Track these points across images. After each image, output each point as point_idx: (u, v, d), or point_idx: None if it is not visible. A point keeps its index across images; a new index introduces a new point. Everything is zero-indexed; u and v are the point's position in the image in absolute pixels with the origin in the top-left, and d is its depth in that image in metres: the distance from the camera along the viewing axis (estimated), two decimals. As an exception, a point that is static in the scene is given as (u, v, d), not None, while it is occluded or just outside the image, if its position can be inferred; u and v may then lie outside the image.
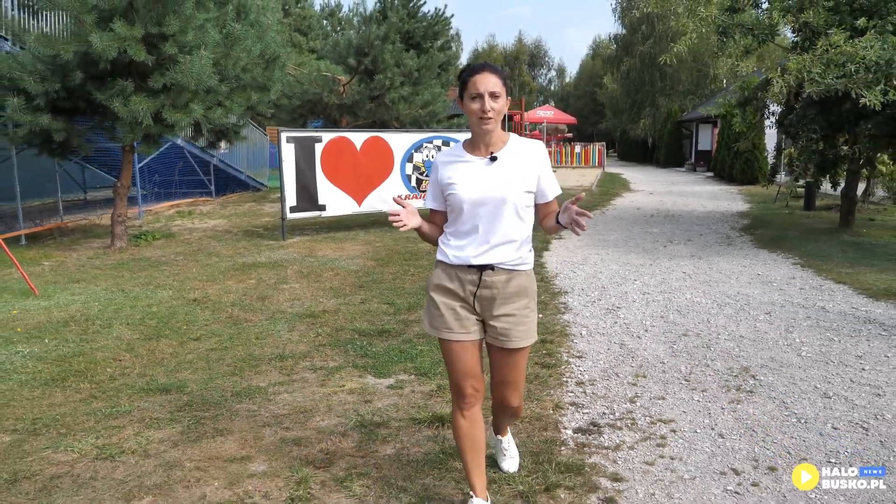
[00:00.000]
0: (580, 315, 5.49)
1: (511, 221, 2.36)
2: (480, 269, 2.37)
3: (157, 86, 7.85)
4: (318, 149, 9.67)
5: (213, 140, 10.82)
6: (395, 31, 14.93)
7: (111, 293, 6.28)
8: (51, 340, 4.81)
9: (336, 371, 4.16)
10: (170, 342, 4.77)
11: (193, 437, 3.25)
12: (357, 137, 10.16)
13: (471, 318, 2.42)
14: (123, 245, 8.91)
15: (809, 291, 6.18)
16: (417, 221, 2.38)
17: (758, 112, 10.57)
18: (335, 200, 9.96)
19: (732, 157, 20.33)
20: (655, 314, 5.48)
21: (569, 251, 8.53)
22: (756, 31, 8.98)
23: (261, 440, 3.22)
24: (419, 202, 9.33)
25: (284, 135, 9.43)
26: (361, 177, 10.19)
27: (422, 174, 10.78)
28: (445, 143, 10.91)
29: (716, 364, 4.26)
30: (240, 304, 5.81)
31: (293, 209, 9.55)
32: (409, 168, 10.69)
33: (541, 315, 5.41)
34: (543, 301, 5.88)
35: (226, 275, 7.09)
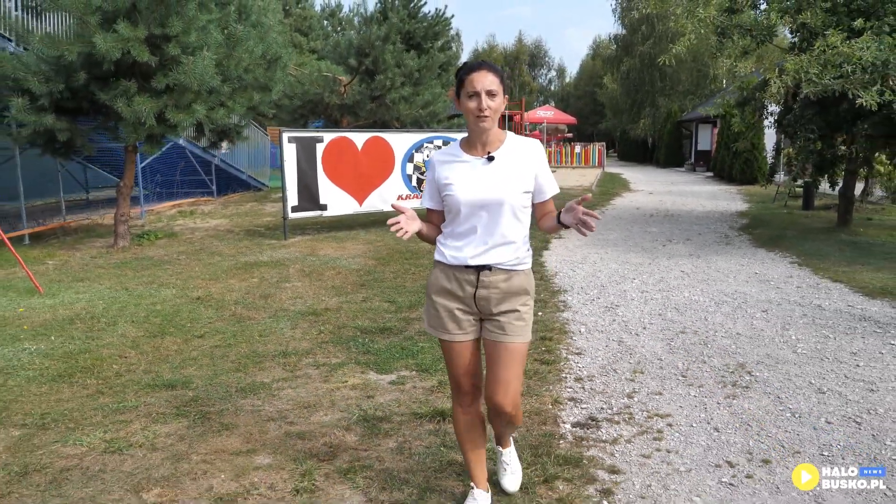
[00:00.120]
0: (579, 313, 5.55)
1: (509, 222, 2.35)
2: (478, 270, 2.36)
3: (161, 86, 7.93)
4: (320, 149, 9.74)
5: (216, 140, 10.88)
6: (396, 32, 15.00)
7: (115, 291, 6.35)
8: (57, 338, 4.88)
9: (339, 367, 4.22)
10: (174, 339, 4.84)
11: (199, 432, 3.32)
12: (358, 137, 10.23)
13: (469, 319, 2.42)
14: (126, 244, 8.98)
15: (806, 290, 6.24)
16: (417, 225, 2.35)
17: (756, 112, 10.62)
18: (336, 200, 10.02)
19: (732, 157, 20.37)
20: (654, 312, 5.54)
21: (568, 250, 8.60)
22: (754, 33, 9.04)
23: (265, 434, 3.29)
24: (419, 202, 9.40)
25: (286, 135, 9.49)
26: (362, 177, 10.26)
27: (422, 174, 10.85)
28: (446, 144, 10.97)
29: (712, 360, 4.32)
30: (243, 303, 5.88)
31: (295, 209, 9.61)
32: (410, 168, 10.75)
33: (540, 313, 5.48)
34: (543, 299, 5.95)
35: (228, 273, 7.15)
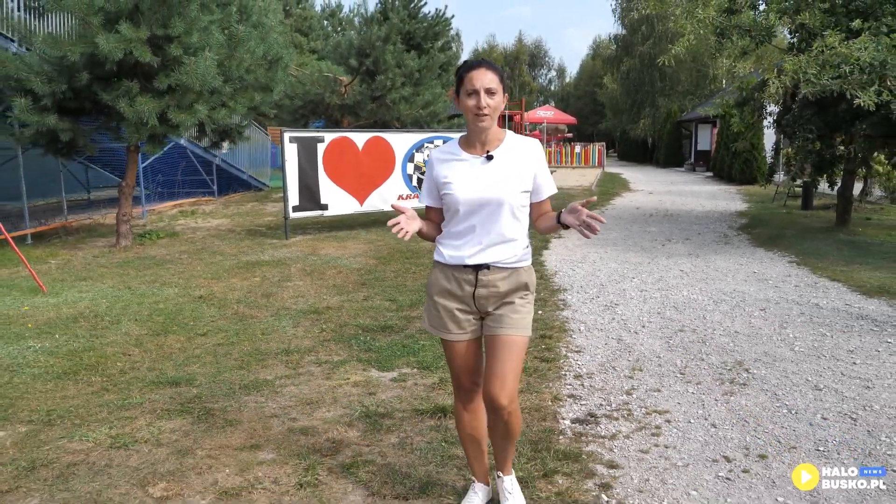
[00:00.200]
0: (579, 311, 5.60)
1: (507, 222, 2.34)
2: (476, 269, 2.36)
3: (163, 86, 7.98)
4: (321, 149, 9.78)
5: (217, 140, 10.93)
6: (396, 32, 15.05)
7: (118, 290, 6.39)
8: (61, 336, 4.92)
9: (341, 365, 4.27)
10: (177, 338, 4.89)
11: (204, 428, 3.36)
12: (359, 138, 10.28)
13: (469, 319, 2.42)
14: (128, 244, 9.03)
15: (804, 289, 6.29)
16: (418, 225, 2.34)
17: (755, 112, 10.68)
18: (337, 200, 10.07)
19: (731, 157, 20.40)
20: (652, 311, 5.59)
21: (568, 249, 8.64)
22: (753, 33, 9.09)
23: (269, 430, 3.33)
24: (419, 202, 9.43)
25: (287, 135, 9.53)
26: (363, 176, 10.31)
27: (423, 174, 10.87)
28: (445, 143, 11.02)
29: (710, 358, 4.37)
30: (245, 301, 5.92)
31: (296, 208, 9.66)
32: (411, 168, 10.81)
33: (540, 311, 5.52)
34: (543, 298, 5.99)
35: (230, 273, 7.20)
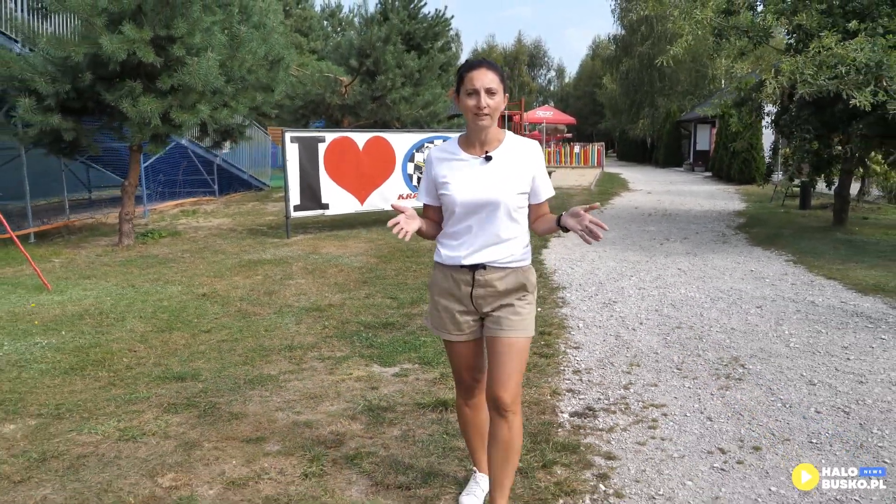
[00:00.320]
0: (577, 309, 5.67)
1: (504, 223, 2.34)
2: (473, 269, 2.36)
3: (166, 87, 8.05)
4: (322, 148, 9.86)
5: (219, 140, 11.01)
6: (396, 33, 15.12)
7: (122, 288, 6.46)
8: (67, 332, 4.99)
9: (343, 360, 4.34)
10: (182, 334, 4.96)
11: (210, 421, 3.43)
12: (359, 137, 10.35)
13: (468, 320, 2.43)
14: (131, 243, 9.10)
15: (800, 287, 6.36)
16: (417, 224, 2.34)
17: (753, 112, 10.75)
18: (338, 199, 10.14)
19: (730, 157, 20.48)
20: (650, 308, 5.66)
21: (567, 248, 8.71)
22: (751, 34, 9.16)
23: (274, 423, 3.40)
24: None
25: (288, 135, 9.61)
26: (364, 176, 10.38)
27: (423, 173, 10.98)
28: (446, 143, 11.10)
29: (707, 354, 4.44)
30: (248, 299, 5.99)
31: (297, 208, 9.73)
32: (411, 167, 10.88)
33: (540, 309, 5.60)
34: (542, 296, 6.06)
35: (233, 271, 7.27)
